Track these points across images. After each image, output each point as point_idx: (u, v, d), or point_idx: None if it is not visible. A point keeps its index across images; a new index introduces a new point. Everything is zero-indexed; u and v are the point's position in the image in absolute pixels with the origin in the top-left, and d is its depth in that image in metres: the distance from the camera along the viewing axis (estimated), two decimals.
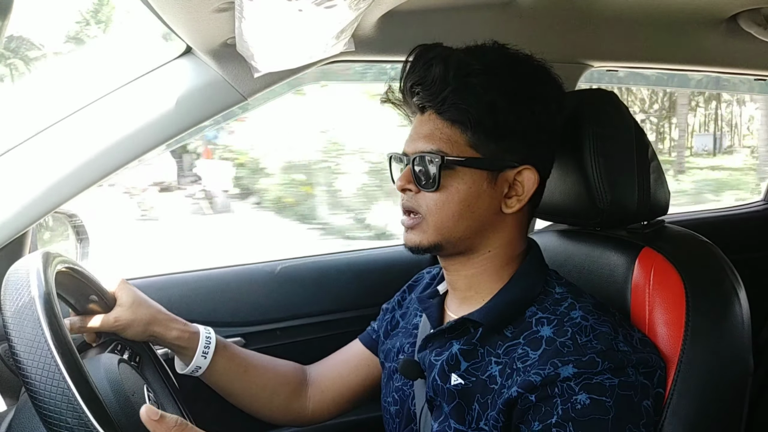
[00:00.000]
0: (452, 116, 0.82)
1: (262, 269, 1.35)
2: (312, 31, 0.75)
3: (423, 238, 0.85)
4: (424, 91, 0.83)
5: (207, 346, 1.00)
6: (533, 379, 0.75)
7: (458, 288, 0.91)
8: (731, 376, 0.86)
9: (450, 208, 0.83)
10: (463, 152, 0.82)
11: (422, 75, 0.83)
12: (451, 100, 0.81)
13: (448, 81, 0.81)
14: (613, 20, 1.18)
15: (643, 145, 0.95)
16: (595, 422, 0.72)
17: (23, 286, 0.67)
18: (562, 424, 0.73)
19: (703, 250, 0.94)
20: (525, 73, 0.84)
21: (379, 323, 1.09)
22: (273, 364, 1.08)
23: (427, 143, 0.83)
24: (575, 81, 1.36)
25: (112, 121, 0.99)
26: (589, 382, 0.74)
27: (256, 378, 1.05)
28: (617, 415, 0.73)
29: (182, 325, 0.99)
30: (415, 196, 0.85)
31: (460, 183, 0.82)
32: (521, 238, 0.89)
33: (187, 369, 1.00)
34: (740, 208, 1.99)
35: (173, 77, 1.03)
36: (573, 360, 0.75)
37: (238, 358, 1.04)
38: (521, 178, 0.84)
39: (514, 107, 0.81)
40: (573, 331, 0.78)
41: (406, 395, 0.95)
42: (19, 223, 0.93)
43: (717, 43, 1.29)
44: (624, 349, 0.77)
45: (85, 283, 0.90)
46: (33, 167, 0.95)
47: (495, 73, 0.81)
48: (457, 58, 0.82)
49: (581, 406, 0.73)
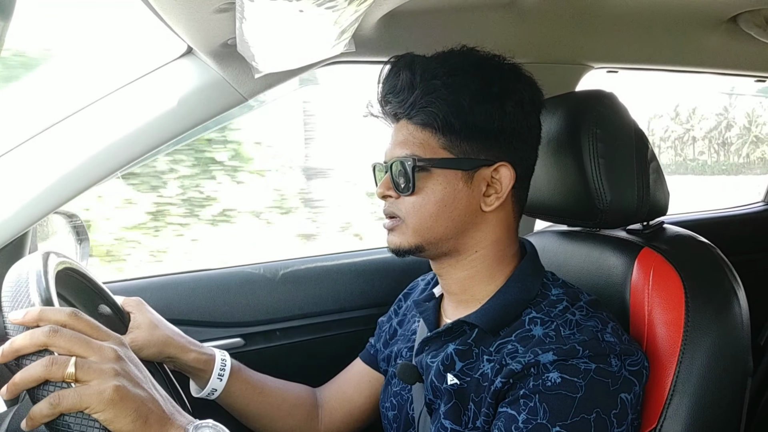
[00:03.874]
0: (422, 120, 0.83)
1: (261, 270, 1.35)
2: (313, 31, 0.75)
3: (403, 240, 0.86)
4: (394, 99, 0.86)
5: (223, 368, 1.00)
6: (514, 367, 0.76)
7: (453, 292, 0.91)
8: (730, 377, 0.86)
9: (427, 210, 0.84)
10: (436, 154, 0.83)
11: (392, 84, 0.86)
12: (419, 105, 0.83)
13: (415, 86, 0.83)
14: (614, 21, 1.18)
15: (643, 146, 0.95)
16: (562, 398, 0.73)
17: (23, 286, 0.67)
18: (529, 395, 0.74)
19: (703, 251, 0.94)
20: (492, 73, 0.85)
21: (377, 337, 1.10)
22: (286, 386, 1.09)
23: (402, 149, 0.85)
24: (576, 82, 1.36)
25: (112, 121, 0.99)
26: (564, 363, 0.75)
27: (271, 400, 1.05)
28: (586, 396, 0.73)
29: (198, 348, 0.99)
30: (395, 202, 0.86)
31: (436, 184, 0.83)
32: (509, 238, 0.89)
33: (203, 392, 1.00)
34: (740, 209, 1.99)
35: (174, 78, 1.03)
36: (554, 348, 0.76)
37: (253, 381, 1.04)
38: (498, 176, 0.85)
39: (482, 107, 0.82)
40: (558, 323, 0.79)
41: (404, 400, 0.95)
42: (19, 223, 0.93)
43: (717, 44, 1.30)
44: (609, 339, 0.78)
45: (90, 289, 0.89)
46: (33, 167, 0.95)
47: (459, 75, 0.83)
48: (422, 64, 0.84)
49: (551, 384, 0.74)
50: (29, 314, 0.61)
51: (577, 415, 0.73)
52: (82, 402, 0.57)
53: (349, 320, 1.37)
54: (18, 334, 0.60)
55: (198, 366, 0.99)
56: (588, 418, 0.73)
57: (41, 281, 0.68)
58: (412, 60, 0.85)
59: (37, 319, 0.61)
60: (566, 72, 1.33)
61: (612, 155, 0.92)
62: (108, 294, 0.92)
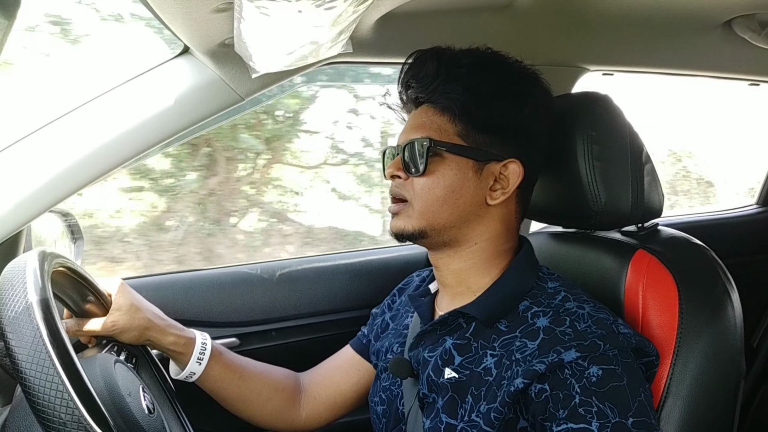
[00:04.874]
0: (442, 104, 0.86)
1: (257, 270, 1.35)
2: (311, 32, 0.75)
3: (408, 223, 0.87)
4: (417, 84, 0.89)
5: (202, 352, 1.00)
6: (537, 368, 0.75)
7: (448, 284, 0.92)
8: (724, 379, 0.86)
9: (435, 193, 0.85)
10: (451, 140, 0.86)
11: (417, 71, 0.89)
12: (442, 90, 0.86)
13: (439, 73, 0.86)
14: (609, 24, 1.18)
15: (638, 148, 0.95)
16: (615, 390, 0.73)
17: (19, 285, 0.67)
18: (586, 401, 0.73)
19: (697, 253, 0.94)
20: (514, 74, 0.89)
21: (369, 328, 1.10)
22: (268, 371, 1.09)
23: (418, 132, 0.87)
24: (571, 84, 1.37)
25: (108, 120, 0.99)
26: (594, 356, 0.75)
27: (251, 384, 1.05)
28: (630, 379, 0.74)
29: (178, 331, 1.00)
30: (403, 183, 0.88)
31: (447, 169, 0.85)
32: (508, 234, 0.90)
33: (181, 374, 1.00)
34: (734, 212, 2.00)
35: (171, 77, 1.03)
36: (575, 345, 0.75)
37: (233, 365, 1.04)
38: (507, 172, 0.86)
39: (500, 103, 0.85)
40: (571, 319, 0.79)
41: (393, 395, 0.95)
42: (14, 221, 0.93)
43: (712, 48, 1.30)
44: (625, 331, 0.79)
45: (81, 283, 0.89)
46: (28, 165, 0.95)
47: (484, 69, 0.86)
48: (449, 55, 0.88)
49: (596, 378, 0.73)
50: None
51: (635, 401, 0.73)
52: None
53: (344, 321, 1.37)
54: (16, 336, 0.61)
55: (177, 349, 0.99)
56: (641, 399, 0.74)
57: (38, 281, 0.68)
58: (438, 51, 0.88)
59: None
60: (562, 74, 1.34)
61: (607, 157, 0.93)
62: (91, 280, 0.92)
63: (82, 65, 1.77)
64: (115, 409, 0.73)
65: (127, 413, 0.74)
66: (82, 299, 0.92)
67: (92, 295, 0.92)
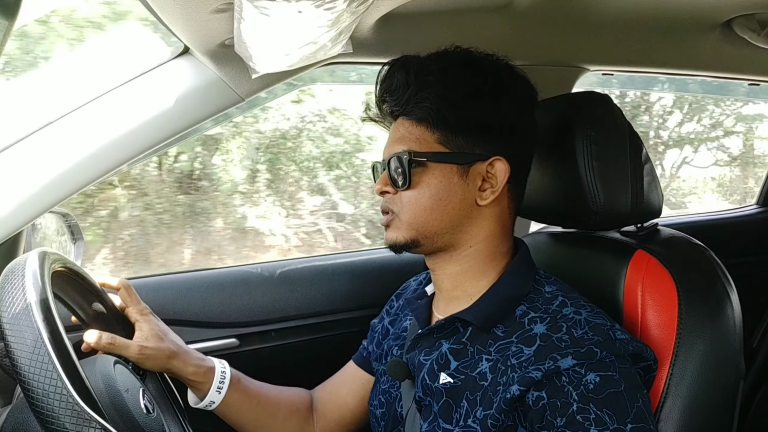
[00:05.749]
0: (417, 115, 0.85)
1: (257, 270, 1.35)
2: (311, 33, 0.75)
3: (398, 234, 0.87)
4: (390, 98, 0.88)
5: (222, 381, 0.99)
6: (534, 375, 0.75)
7: (445, 288, 0.91)
8: (723, 379, 0.86)
9: (422, 203, 0.85)
10: (431, 148, 0.85)
11: (389, 84, 0.88)
12: (414, 100, 0.85)
13: (410, 83, 0.85)
14: (609, 24, 1.19)
15: (637, 148, 0.95)
16: (612, 396, 0.73)
17: (19, 285, 0.67)
18: (584, 408, 0.72)
19: (696, 253, 0.94)
20: (486, 71, 0.87)
21: (369, 339, 1.10)
22: (283, 393, 1.09)
23: (399, 145, 0.86)
24: (571, 84, 1.37)
25: (108, 120, 0.99)
26: (591, 362, 0.74)
27: (268, 408, 1.05)
28: (628, 385, 0.74)
29: (199, 360, 0.99)
30: (393, 198, 0.88)
31: (431, 178, 0.85)
32: (503, 234, 0.89)
33: (201, 403, 1.00)
34: (734, 212, 2.00)
35: (171, 77, 1.03)
36: (572, 352, 0.75)
37: (251, 391, 1.04)
38: (493, 170, 0.86)
39: (476, 102, 0.84)
40: (567, 326, 0.78)
41: (392, 397, 0.95)
42: (14, 221, 0.93)
43: (711, 47, 1.30)
44: (621, 337, 0.78)
45: (83, 285, 0.89)
46: (28, 166, 0.95)
47: (453, 71, 0.85)
48: (416, 63, 0.86)
49: (594, 385, 0.73)
50: None
51: (633, 407, 0.73)
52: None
53: (344, 321, 1.37)
54: (16, 336, 0.61)
55: (197, 379, 0.98)
56: (639, 405, 0.74)
57: (37, 281, 0.68)
58: (406, 60, 0.87)
59: None
60: (562, 74, 1.34)
61: (606, 157, 0.92)
62: (102, 293, 0.92)
63: (82, 65, 1.77)
64: (115, 409, 0.73)
65: (126, 413, 0.74)
66: (87, 303, 0.91)
67: (97, 301, 0.92)
